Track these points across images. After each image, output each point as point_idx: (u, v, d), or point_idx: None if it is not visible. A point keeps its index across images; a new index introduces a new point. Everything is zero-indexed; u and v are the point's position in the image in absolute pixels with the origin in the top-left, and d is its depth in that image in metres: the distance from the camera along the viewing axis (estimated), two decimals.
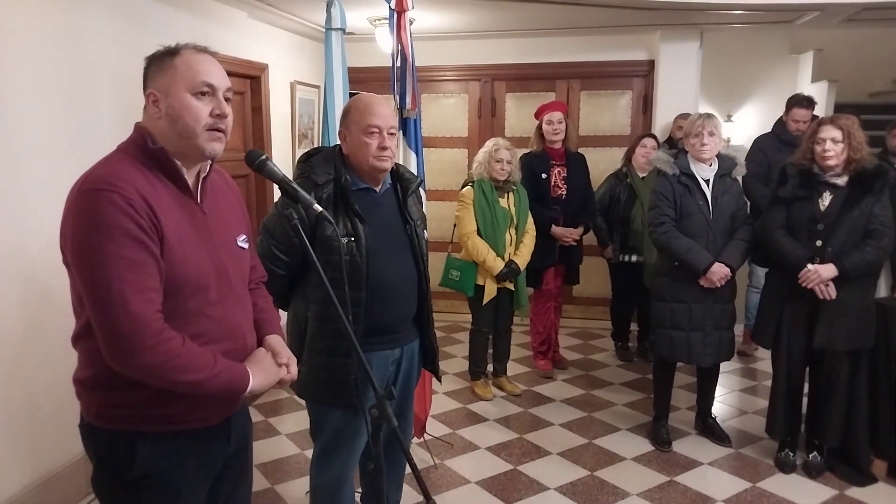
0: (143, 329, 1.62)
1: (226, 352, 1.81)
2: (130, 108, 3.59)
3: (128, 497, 1.82)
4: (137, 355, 1.63)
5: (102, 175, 1.67)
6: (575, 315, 6.72)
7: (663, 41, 6.15)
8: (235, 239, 1.96)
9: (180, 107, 1.74)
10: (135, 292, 1.62)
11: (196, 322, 1.77)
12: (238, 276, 1.93)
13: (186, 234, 1.76)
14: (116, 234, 1.61)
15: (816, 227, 3.58)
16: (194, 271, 1.76)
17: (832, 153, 3.49)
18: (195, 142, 1.76)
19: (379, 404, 1.74)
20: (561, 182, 5.16)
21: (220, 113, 1.78)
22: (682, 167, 3.91)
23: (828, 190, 3.58)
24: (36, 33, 3.21)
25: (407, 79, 3.65)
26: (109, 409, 1.76)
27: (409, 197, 2.71)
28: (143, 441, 1.77)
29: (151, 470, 1.79)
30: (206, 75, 1.76)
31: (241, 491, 2.11)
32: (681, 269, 3.87)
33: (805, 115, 5.19)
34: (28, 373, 3.24)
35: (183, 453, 1.83)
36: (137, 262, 1.63)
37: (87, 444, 1.85)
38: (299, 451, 4.10)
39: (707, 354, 3.98)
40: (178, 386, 1.70)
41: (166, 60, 1.76)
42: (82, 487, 3.51)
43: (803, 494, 3.65)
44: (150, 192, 1.69)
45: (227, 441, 1.94)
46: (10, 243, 3.10)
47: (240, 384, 1.78)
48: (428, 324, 2.81)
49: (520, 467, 3.95)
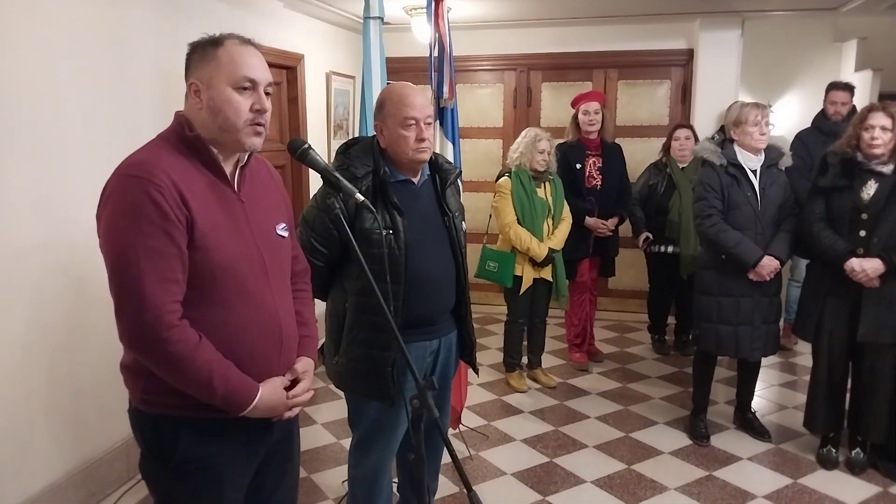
0: (156, 320, 1.64)
1: (261, 338, 1.83)
2: (170, 98, 3.64)
3: (172, 481, 1.84)
4: (149, 345, 1.66)
5: (137, 161, 1.70)
6: (611, 308, 6.67)
7: (703, 29, 6.05)
8: (274, 227, 1.95)
9: (221, 100, 1.75)
10: (152, 281, 1.63)
11: (233, 309, 1.78)
12: (276, 264, 1.93)
13: (220, 221, 1.77)
14: (142, 221, 1.63)
15: (860, 216, 3.49)
16: (228, 258, 1.77)
17: (880, 141, 3.39)
18: (235, 136, 1.77)
19: (420, 394, 1.73)
20: (596, 173, 5.11)
21: (260, 108, 1.79)
22: (729, 157, 3.83)
23: (872, 178, 3.48)
24: (78, 23, 3.24)
25: (444, 68, 3.63)
26: (153, 394, 1.78)
27: (447, 188, 2.68)
28: (185, 427, 1.79)
29: (193, 456, 1.81)
30: (248, 69, 1.76)
31: (288, 479, 2.12)
32: (728, 262, 3.81)
33: (843, 97, 5.12)
34: (70, 361, 3.29)
35: (224, 441, 1.84)
36: (160, 251, 1.64)
37: (134, 429, 1.88)
38: (335, 441, 4.12)
39: (755, 349, 3.92)
40: (180, 385, 1.72)
41: (209, 50, 1.76)
42: (123, 473, 3.57)
43: (845, 491, 3.58)
44: (183, 179, 1.70)
45: (269, 430, 1.94)
46: (51, 232, 3.14)
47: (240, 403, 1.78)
48: (466, 315, 2.79)
49: (555, 460, 3.92)
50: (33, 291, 3.07)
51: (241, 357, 1.78)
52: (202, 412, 1.78)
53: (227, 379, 1.73)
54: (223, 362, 1.74)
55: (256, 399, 1.79)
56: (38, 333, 3.11)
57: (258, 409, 1.80)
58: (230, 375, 1.75)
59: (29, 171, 3.02)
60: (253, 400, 1.79)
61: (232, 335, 1.78)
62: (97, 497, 3.44)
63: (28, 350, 3.06)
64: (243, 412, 1.79)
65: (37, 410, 3.13)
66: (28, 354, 3.06)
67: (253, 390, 1.79)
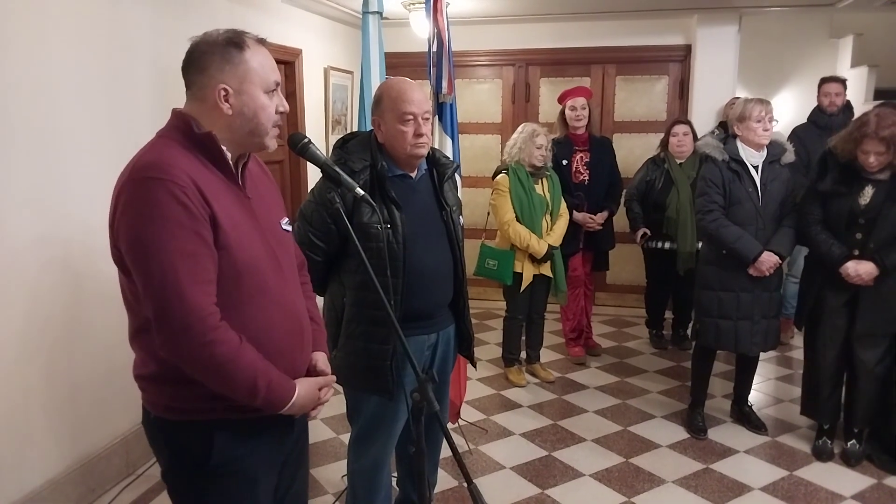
0: (199, 322, 1.60)
1: (286, 334, 1.82)
2: (168, 94, 3.64)
3: (207, 487, 1.81)
4: (193, 350, 1.62)
5: (152, 162, 1.64)
6: (608, 303, 6.68)
7: (701, 25, 6.06)
8: (279, 222, 1.95)
9: (257, 106, 1.74)
10: (191, 284, 1.60)
11: (259, 307, 1.77)
12: (287, 259, 1.93)
13: (238, 219, 1.74)
14: (171, 224, 1.59)
15: (857, 220, 3.56)
16: (250, 256, 1.75)
17: (876, 164, 3.45)
18: (262, 139, 1.78)
19: (421, 388, 1.74)
20: (583, 168, 5.11)
21: (284, 110, 1.80)
22: (731, 153, 3.85)
23: (869, 184, 3.53)
24: (75, 18, 3.23)
25: (443, 62, 3.63)
26: (182, 401, 1.74)
27: (444, 182, 2.69)
28: (219, 430, 1.77)
29: (229, 458, 1.79)
30: (275, 73, 1.77)
31: (302, 472, 2.13)
32: (728, 257, 3.83)
33: (837, 88, 5.17)
34: (68, 357, 3.28)
35: (257, 440, 1.83)
36: (193, 253, 1.61)
37: (157, 439, 1.83)
38: (335, 436, 4.13)
39: (755, 343, 3.95)
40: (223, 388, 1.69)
41: (234, 53, 1.72)
42: (122, 469, 3.57)
43: (841, 483, 3.61)
44: (200, 178, 1.66)
45: (291, 427, 1.94)
46: (48, 227, 3.14)
47: (280, 402, 1.77)
48: (464, 309, 2.81)
49: (554, 453, 3.94)
50: (31, 287, 3.06)
51: (270, 355, 1.75)
52: (235, 413, 1.76)
53: (269, 378, 1.72)
54: (264, 362, 1.72)
55: (294, 397, 1.79)
56: (36, 329, 3.11)
57: (294, 407, 1.80)
58: (272, 375, 1.73)
59: (26, 167, 3.01)
60: (291, 398, 1.78)
61: (260, 333, 1.75)
62: (96, 493, 3.44)
63: (26, 346, 3.06)
64: (280, 411, 1.78)
65: (35, 406, 3.13)
66: (26, 350, 3.06)
67: (292, 389, 1.79)
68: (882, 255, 3.48)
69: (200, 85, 1.73)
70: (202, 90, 1.73)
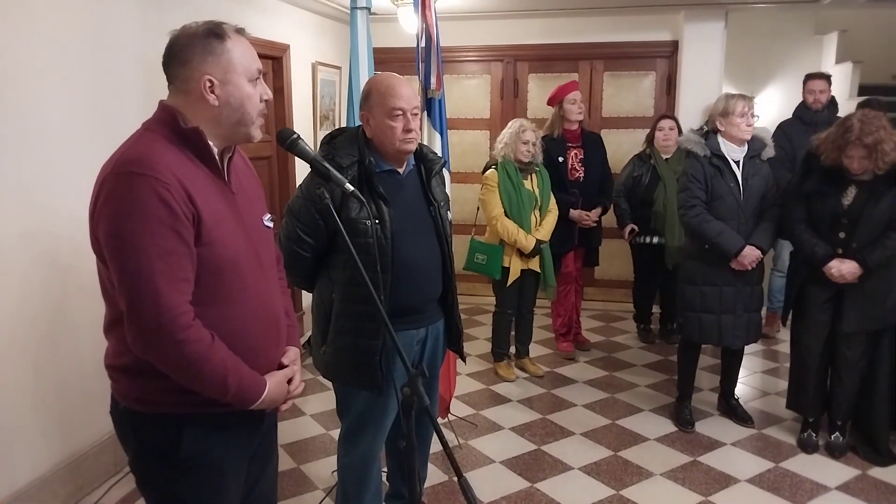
0: (171, 322, 1.60)
1: (262, 331, 1.82)
2: (154, 87, 3.58)
3: (174, 480, 1.81)
4: (164, 348, 1.62)
5: (137, 157, 1.63)
6: (597, 297, 6.70)
7: (687, 21, 6.08)
8: (261, 218, 1.95)
9: (243, 96, 1.74)
10: (166, 282, 1.60)
11: (239, 302, 1.77)
12: (267, 255, 1.93)
13: (223, 215, 1.74)
14: (151, 221, 1.58)
15: (840, 220, 3.59)
16: (233, 251, 1.75)
17: (859, 168, 3.48)
18: (249, 129, 1.78)
19: (411, 382, 1.74)
20: (578, 164, 5.13)
21: (268, 98, 1.80)
22: (712, 148, 3.88)
23: (853, 185, 3.57)
24: (61, 12, 3.21)
25: (432, 58, 3.63)
26: (153, 393, 1.74)
27: (432, 178, 2.69)
28: (188, 424, 1.77)
29: (197, 452, 1.79)
30: (257, 62, 1.77)
31: (270, 468, 2.13)
32: (711, 251, 3.86)
33: (821, 85, 5.21)
34: (56, 353, 3.28)
35: (225, 435, 1.83)
36: (170, 251, 1.61)
37: (124, 430, 1.83)
38: (325, 432, 4.13)
39: (737, 336, 3.98)
40: (192, 385, 1.69)
41: (216, 44, 1.71)
42: (110, 467, 3.56)
43: (826, 474, 3.65)
44: (185, 173, 1.66)
45: (261, 421, 1.95)
46: (35, 223, 3.12)
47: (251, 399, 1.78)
48: (453, 304, 2.81)
49: (543, 447, 3.96)
50: (17, 283, 3.05)
51: (245, 351, 1.76)
52: (205, 408, 1.76)
53: (239, 376, 1.72)
54: (234, 359, 1.72)
55: (265, 393, 1.79)
56: (24, 325, 3.09)
57: (265, 402, 1.80)
58: (242, 372, 1.73)
59: (11, 162, 2.98)
60: (262, 394, 1.79)
61: (237, 330, 1.76)
62: (84, 490, 3.43)
63: (13, 342, 3.04)
64: (250, 407, 1.78)
65: (23, 403, 3.12)
66: (13, 347, 3.05)
67: (262, 385, 1.79)
68: (865, 254, 3.52)
69: (184, 78, 1.72)
70: (186, 83, 1.72)
